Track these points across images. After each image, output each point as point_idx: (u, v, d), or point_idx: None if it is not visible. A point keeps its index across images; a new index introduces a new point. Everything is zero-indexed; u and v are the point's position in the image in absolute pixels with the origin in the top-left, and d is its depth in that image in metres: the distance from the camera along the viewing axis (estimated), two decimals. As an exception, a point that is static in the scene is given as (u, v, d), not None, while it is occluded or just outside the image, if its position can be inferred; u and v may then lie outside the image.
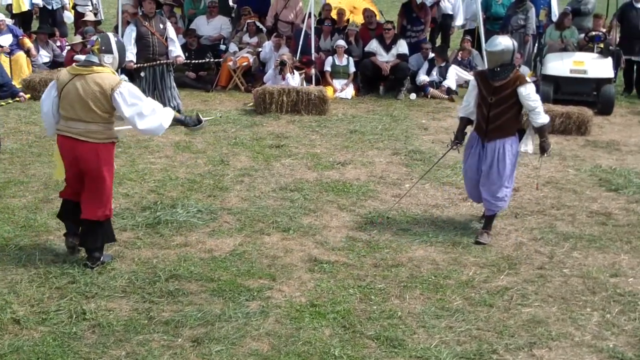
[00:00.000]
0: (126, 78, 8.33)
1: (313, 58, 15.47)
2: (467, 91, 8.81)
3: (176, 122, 7.80)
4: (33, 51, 16.04)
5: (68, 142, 7.35)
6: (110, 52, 7.38)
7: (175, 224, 8.56)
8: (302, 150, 11.67)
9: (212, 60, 15.80)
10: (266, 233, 8.46)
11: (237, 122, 13.22)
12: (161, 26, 13.09)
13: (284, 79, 14.57)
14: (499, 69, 8.42)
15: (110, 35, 7.57)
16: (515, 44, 8.58)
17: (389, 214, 9.13)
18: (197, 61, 15.54)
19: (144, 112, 7.30)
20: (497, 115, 8.40)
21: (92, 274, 7.32)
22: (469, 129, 8.89)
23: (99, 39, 7.43)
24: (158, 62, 13.05)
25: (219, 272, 7.45)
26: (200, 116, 8.04)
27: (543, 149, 8.56)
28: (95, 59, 7.33)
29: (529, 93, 8.29)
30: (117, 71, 7.59)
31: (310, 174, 10.59)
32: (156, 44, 12.99)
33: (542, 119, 8.40)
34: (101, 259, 7.56)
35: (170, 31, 13.29)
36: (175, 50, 13.22)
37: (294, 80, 14.68)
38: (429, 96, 15.70)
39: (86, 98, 7.18)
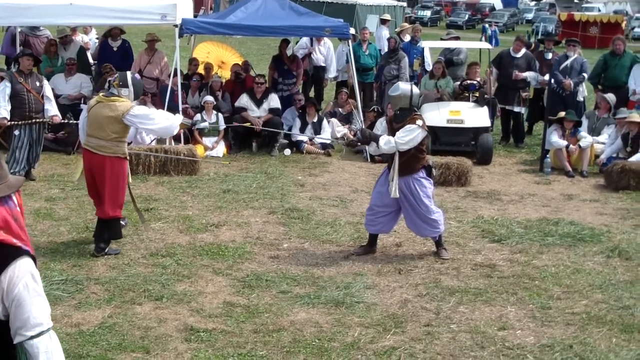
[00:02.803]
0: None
1: (181, 115, 15.43)
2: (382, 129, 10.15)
3: (185, 124, 10.58)
4: None
5: (87, 153, 9.73)
6: (126, 86, 9.65)
7: (37, 298, 8.30)
8: (173, 213, 11.57)
9: (72, 120, 15.56)
10: (137, 303, 8.31)
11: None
12: (37, 84, 13.15)
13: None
14: (398, 112, 9.74)
15: (128, 73, 9.89)
16: (416, 90, 9.84)
17: (267, 276, 9.13)
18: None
19: (155, 121, 9.62)
20: (401, 153, 9.55)
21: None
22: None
23: (119, 76, 9.76)
24: (34, 120, 13.00)
25: (87, 347, 7.26)
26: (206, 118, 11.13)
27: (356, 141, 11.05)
28: (115, 92, 9.63)
29: (404, 133, 9.49)
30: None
31: (183, 238, 10.49)
32: (32, 102, 12.97)
33: (386, 147, 9.61)
34: (106, 250, 9.66)
35: (47, 89, 13.33)
36: (52, 109, 13.27)
37: (149, 136, 14.56)
38: (304, 152, 15.86)
39: (101, 120, 9.51)
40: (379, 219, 9.97)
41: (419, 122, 9.58)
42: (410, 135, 9.50)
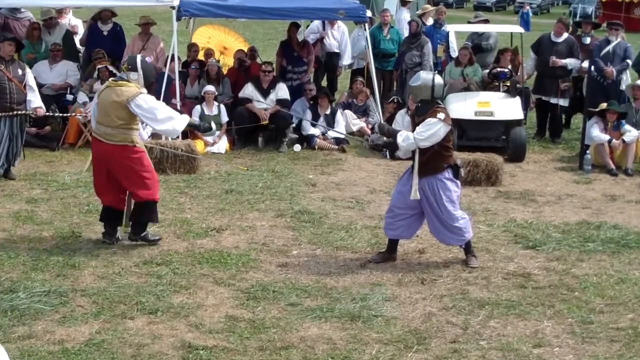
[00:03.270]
0: None
1: (179, 107, 15.37)
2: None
3: (190, 126, 10.74)
4: None
5: (95, 141, 10.29)
6: (135, 70, 10.03)
7: (17, 312, 8.26)
8: (169, 216, 11.53)
9: (57, 113, 15.53)
10: (129, 317, 8.25)
11: (90, 185, 12.86)
12: (20, 72, 13.16)
13: None
14: (419, 104, 9.76)
15: (138, 57, 10.37)
16: (439, 80, 9.77)
17: (275, 287, 9.06)
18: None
19: (158, 118, 9.95)
20: (422, 151, 9.55)
21: None
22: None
23: (128, 60, 10.32)
24: (15, 112, 13.00)
25: (72, 367, 7.21)
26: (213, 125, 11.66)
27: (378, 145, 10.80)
28: (124, 76, 10.12)
29: (423, 128, 9.46)
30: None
31: (180, 244, 10.45)
32: (14, 92, 12.99)
33: (404, 144, 9.63)
34: (142, 235, 10.32)
35: (30, 78, 13.34)
36: (35, 100, 13.28)
37: (145, 131, 14.52)
38: (316, 147, 15.79)
39: (106, 106, 9.97)
40: (400, 222, 9.89)
41: (441, 115, 9.49)
42: (430, 130, 9.43)
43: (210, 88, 16.01)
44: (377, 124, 11.72)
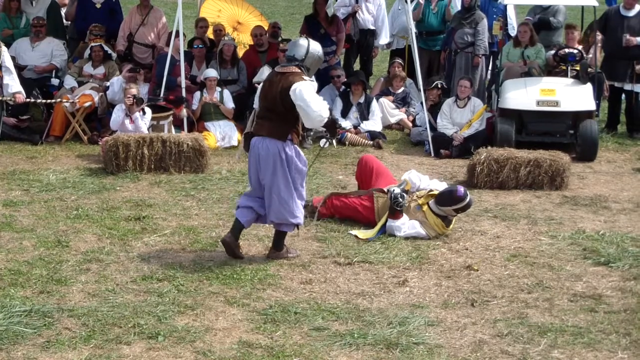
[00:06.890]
0: None
1: (184, 94, 15.42)
2: None
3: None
4: None
5: None
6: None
7: (-7, 334, 8.36)
8: (173, 223, 11.60)
9: (39, 100, 15.63)
10: (125, 342, 8.30)
11: (79, 186, 13.06)
12: None
13: (132, 121, 14.42)
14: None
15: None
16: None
17: (297, 308, 9.10)
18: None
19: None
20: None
21: None
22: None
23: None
24: None
25: (58, 400, 7.30)
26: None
27: None
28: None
29: None
30: None
31: (186, 256, 10.51)
32: None
33: None
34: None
35: (7, 59, 13.30)
36: (13, 84, 13.24)
37: (144, 121, 14.54)
38: (347, 143, 15.80)
39: None
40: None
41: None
42: None
43: (211, 73, 15.99)
44: None
